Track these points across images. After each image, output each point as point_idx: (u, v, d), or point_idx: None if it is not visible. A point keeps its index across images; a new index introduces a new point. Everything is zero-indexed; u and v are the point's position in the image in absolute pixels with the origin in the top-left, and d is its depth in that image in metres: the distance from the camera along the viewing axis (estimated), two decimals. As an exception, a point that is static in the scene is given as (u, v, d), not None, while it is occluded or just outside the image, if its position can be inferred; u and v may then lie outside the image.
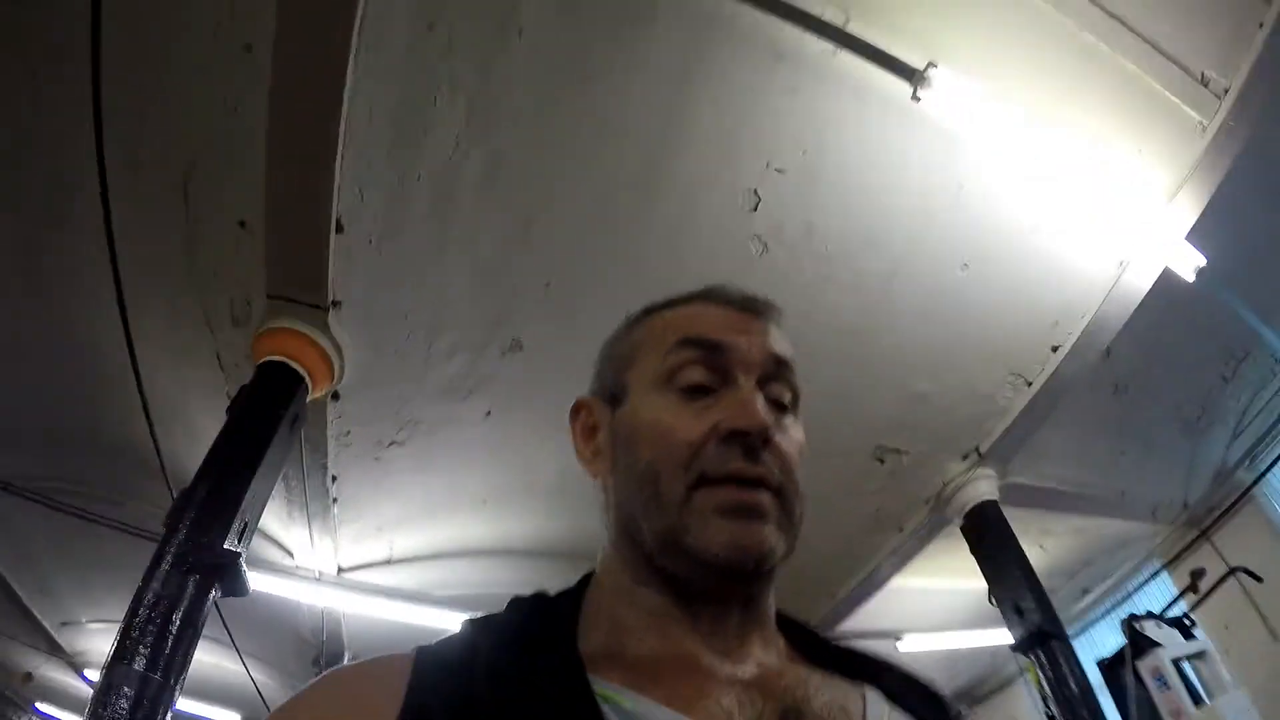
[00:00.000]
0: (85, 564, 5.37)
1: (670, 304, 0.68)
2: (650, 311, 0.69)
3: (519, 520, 3.88)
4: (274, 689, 6.12)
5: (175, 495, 2.36)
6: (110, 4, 2.15)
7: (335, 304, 2.70)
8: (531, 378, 3.15)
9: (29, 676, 7.30)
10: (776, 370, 0.62)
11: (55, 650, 6.91)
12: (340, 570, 4.05)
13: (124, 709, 1.91)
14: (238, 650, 5.17)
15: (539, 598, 0.61)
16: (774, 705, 0.51)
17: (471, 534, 3.99)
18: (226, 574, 2.22)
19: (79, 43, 2.17)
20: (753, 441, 0.56)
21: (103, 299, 2.87)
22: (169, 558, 2.18)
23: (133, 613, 2.08)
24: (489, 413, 3.32)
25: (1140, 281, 3.06)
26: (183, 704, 2.19)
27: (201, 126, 2.51)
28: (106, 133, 2.43)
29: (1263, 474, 4.50)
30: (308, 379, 2.71)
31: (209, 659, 5.39)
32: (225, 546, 2.23)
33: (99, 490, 4.40)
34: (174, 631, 2.05)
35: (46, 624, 6.52)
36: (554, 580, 0.65)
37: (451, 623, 3.21)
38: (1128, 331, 3.22)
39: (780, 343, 0.64)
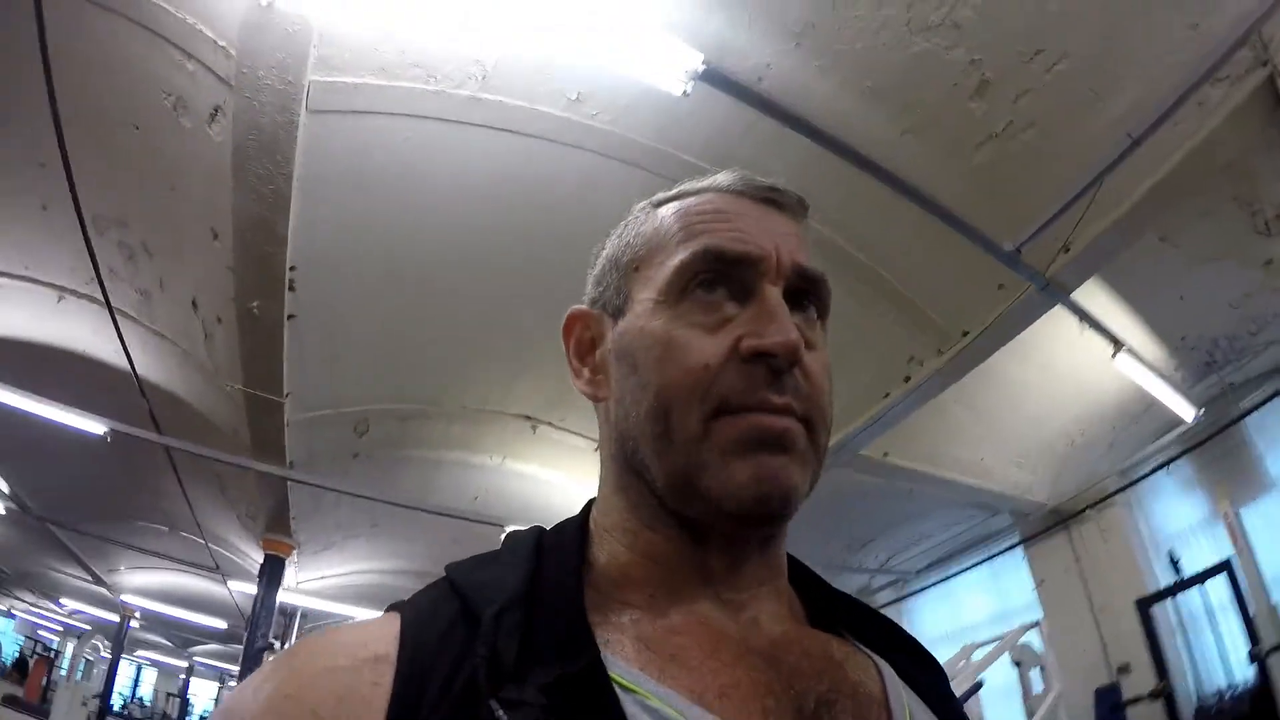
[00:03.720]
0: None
1: (681, 195, 0.64)
2: (659, 204, 0.64)
3: (384, 563, 8.58)
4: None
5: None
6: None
7: (295, 533, 7.08)
8: (387, 529, 7.63)
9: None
10: (802, 283, 0.59)
11: (99, 582, 11.58)
12: (298, 583, 8.75)
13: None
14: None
15: (538, 548, 0.57)
16: (809, 692, 0.50)
17: (363, 566, 8.69)
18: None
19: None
20: (779, 364, 0.53)
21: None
22: (253, 648, 6.80)
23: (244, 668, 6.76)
24: (366, 540, 7.84)
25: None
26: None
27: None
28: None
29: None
30: (285, 558, 7.16)
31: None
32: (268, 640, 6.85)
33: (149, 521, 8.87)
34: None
35: (97, 569, 11.11)
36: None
37: (348, 610, 8.29)
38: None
39: (808, 252, 0.61)
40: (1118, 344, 4.63)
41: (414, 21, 2.77)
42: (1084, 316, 4.30)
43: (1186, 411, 5.92)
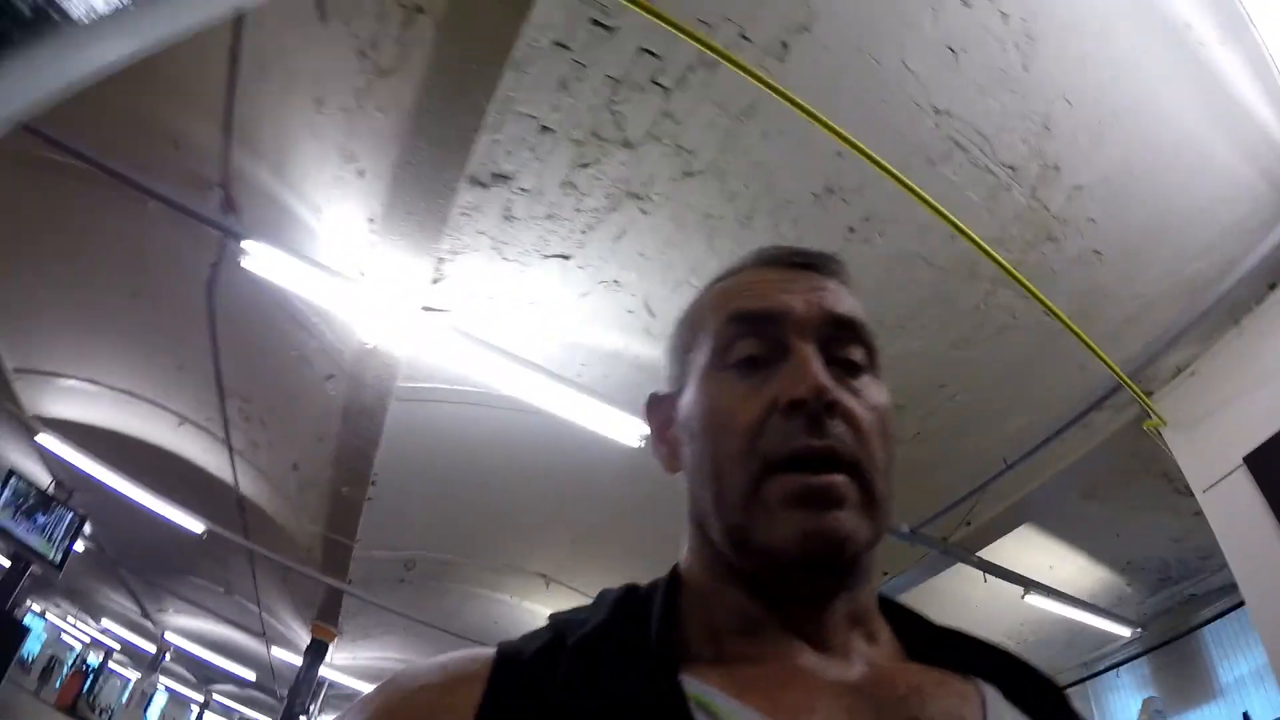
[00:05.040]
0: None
1: (727, 274, 0.71)
2: (711, 285, 0.71)
3: (410, 654, 9.98)
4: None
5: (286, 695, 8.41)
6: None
7: (341, 624, 8.57)
8: (417, 633, 9.01)
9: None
10: (838, 331, 0.63)
11: (146, 616, 13.29)
12: (332, 659, 10.24)
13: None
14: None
15: (629, 592, 0.62)
16: (893, 716, 0.52)
17: (391, 655, 10.11)
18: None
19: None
20: (813, 409, 0.56)
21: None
22: (292, 713, 8.26)
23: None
24: (398, 636, 9.28)
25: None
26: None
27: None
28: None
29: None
30: (329, 642, 8.65)
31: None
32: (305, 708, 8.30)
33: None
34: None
35: (148, 606, 12.83)
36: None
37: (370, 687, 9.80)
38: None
39: (842, 300, 0.65)
40: (1026, 586, 5.65)
41: (471, 360, 4.22)
42: (988, 569, 5.39)
43: (1122, 631, 6.83)
